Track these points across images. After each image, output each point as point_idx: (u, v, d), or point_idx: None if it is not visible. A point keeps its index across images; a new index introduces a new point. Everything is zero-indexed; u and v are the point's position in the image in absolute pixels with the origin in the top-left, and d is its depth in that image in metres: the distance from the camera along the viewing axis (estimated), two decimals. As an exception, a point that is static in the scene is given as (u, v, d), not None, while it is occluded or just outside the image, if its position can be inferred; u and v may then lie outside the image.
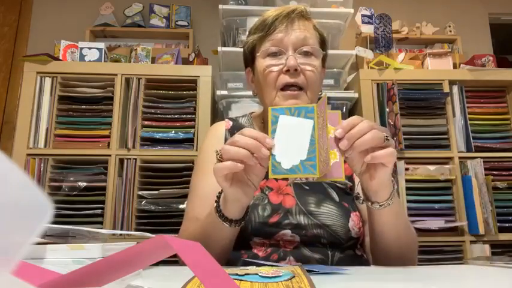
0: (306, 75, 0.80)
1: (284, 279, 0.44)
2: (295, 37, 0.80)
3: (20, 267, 0.18)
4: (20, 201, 0.16)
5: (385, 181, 0.61)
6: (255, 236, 0.77)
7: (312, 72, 0.80)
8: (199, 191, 0.85)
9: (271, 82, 0.81)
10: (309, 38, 0.81)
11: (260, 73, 0.83)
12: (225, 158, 0.58)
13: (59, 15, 2.45)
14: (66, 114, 1.71)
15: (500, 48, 3.01)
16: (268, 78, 0.81)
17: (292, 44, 0.80)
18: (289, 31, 0.80)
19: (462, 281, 0.54)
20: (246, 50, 0.89)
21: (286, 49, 0.80)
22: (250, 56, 0.88)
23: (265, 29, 0.82)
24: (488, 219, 1.66)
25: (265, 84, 0.82)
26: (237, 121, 0.95)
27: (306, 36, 0.81)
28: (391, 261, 0.71)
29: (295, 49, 0.80)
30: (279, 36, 0.80)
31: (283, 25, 0.80)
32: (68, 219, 1.56)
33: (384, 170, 0.59)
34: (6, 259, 0.16)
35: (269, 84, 0.81)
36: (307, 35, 0.81)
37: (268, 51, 0.81)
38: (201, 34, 2.47)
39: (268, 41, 0.82)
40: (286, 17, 0.81)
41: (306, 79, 0.80)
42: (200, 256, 0.26)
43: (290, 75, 0.79)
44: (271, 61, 0.81)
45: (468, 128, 1.79)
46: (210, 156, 0.89)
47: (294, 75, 0.79)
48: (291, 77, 0.79)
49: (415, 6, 2.62)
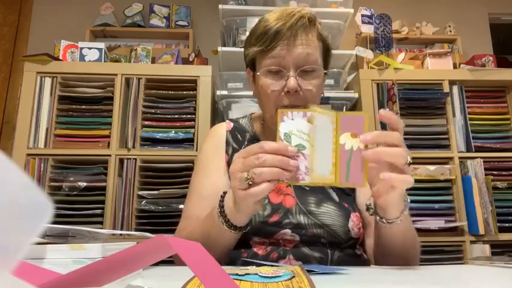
0: (306, 95, 0.78)
1: (284, 279, 0.44)
2: (297, 55, 0.77)
3: (20, 267, 0.18)
4: (20, 201, 0.16)
5: (392, 201, 0.60)
6: (255, 235, 0.77)
7: (312, 91, 0.79)
8: (200, 191, 0.85)
9: (271, 100, 0.79)
10: (311, 55, 0.78)
11: (261, 89, 0.81)
12: (258, 181, 0.56)
13: (59, 15, 2.46)
14: (66, 114, 1.71)
15: (500, 48, 3.01)
16: (269, 98, 0.80)
17: (293, 63, 0.77)
18: (291, 48, 0.77)
19: (462, 281, 0.54)
20: (246, 60, 0.87)
21: (288, 68, 0.78)
22: (250, 63, 0.87)
23: (266, 43, 0.78)
24: (488, 219, 1.66)
25: (266, 100, 0.81)
26: (237, 122, 0.95)
27: (308, 53, 0.78)
28: (393, 265, 0.71)
29: (297, 68, 0.77)
30: (280, 54, 0.77)
31: (285, 40, 0.77)
32: (68, 219, 1.56)
33: (392, 193, 0.57)
34: (6, 259, 0.16)
35: (269, 101, 0.80)
36: (310, 51, 0.78)
37: (269, 70, 0.79)
38: (201, 34, 2.47)
39: (269, 58, 0.78)
40: (290, 29, 0.77)
41: (306, 99, 0.78)
42: (200, 256, 0.26)
43: (290, 96, 0.77)
44: (272, 80, 0.79)
45: (468, 128, 1.79)
46: (210, 157, 0.89)
47: (294, 96, 0.77)
48: (291, 98, 0.77)
49: (415, 6, 2.62)
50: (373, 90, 1.81)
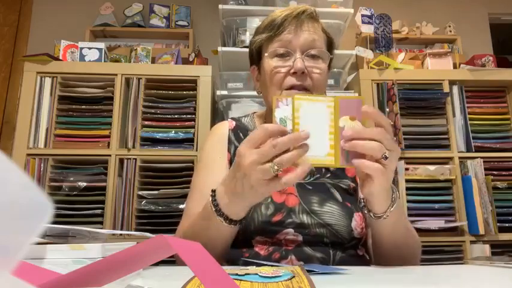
0: (313, 77, 0.81)
1: (284, 279, 0.44)
2: (303, 39, 0.80)
3: (20, 267, 0.18)
4: (20, 201, 0.16)
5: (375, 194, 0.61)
6: (258, 235, 0.77)
7: (319, 75, 0.81)
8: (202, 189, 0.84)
9: (278, 83, 0.81)
10: (317, 41, 0.82)
11: (267, 73, 0.83)
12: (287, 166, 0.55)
13: (59, 15, 2.46)
14: (66, 114, 1.71)
15: (500, 48, 3.01)
16: (274, 79, 0.82)
17: (300, 46, 0.80)
18: (298, 32, 0.81)
19: (462, 281, 0.54)
20: (253, 49, 0.90)
21: (294, 51, 0.81)
22: (257, 55, 0.89)
23: (274, 29, 0.82)
24: (488, 219, 1.66)
25: (271, 84, 0.82)
26: (240, 121, 0.95)
27: (314, 39, 0.81)
28: (392, 265, 0.71)
29: (303, 51, 0.81)
30: (287, 37, 0.81)
31: (292, 26, 0.81)
32: (68, 219, 1.56)
33: (373, 184, 0.58)
34: (6, 259, 0.16)
35: (275, 85, 0.82)
36: (316, 38, 0.82)
37: (276, 52, 0.82)
38: (201, 34, 2.47)
39: (276, 42, 0.82)
40: (296, 17, 0.81)
41: (312, 81, 0.81)
42: (200, 256, 0.26)
43: (297, 77, 0.80)
44: (278, 62, 0.82)
45: (468, 128, 1.79)
46: (212, 155, 0.89)
47: (300, 78, 0.80)
48: (298, 79, 0.80)
49: (415, 6, 2.62)
50: (373, 90, 1.81)
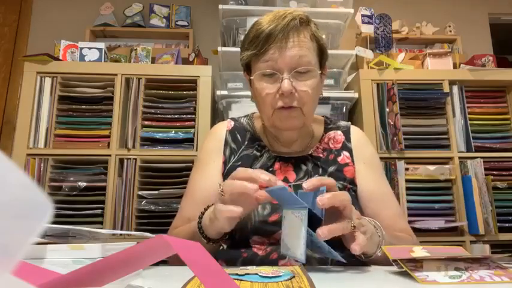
0: (302, 96, 0.79)
1: (284, 279, 0.44)
2: (289, 58, 0.77)
3: (20, 267, 0.18)
4: (20, 201, 0.16)
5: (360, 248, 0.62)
6: (255, 235, 0.77)
7: (308, 92, 0.80)
8: (193, 193, 0.87)
9: (269, 104, 0.80)
10: (305, 56, 0.78)
11: (258, 94, 0.82)
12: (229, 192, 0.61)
13: (58, 15, 2.45)
14: (66, 114, 1.71)
15: (500, 48, 3.00)
16: (266, 100, 0.81)
17: (286, 65, 0.78)
18: (283, 51, 0.77)
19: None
20: (241, 64, 0.88)
21: (281, 71, 0.78)
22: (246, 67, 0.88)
23: (258, 47, 0.79)
24: (488, 219, 1.66)
25: (264, 104, 0.82)
26: (239, 121, 0.95)
27: (301, 55, 0.78)
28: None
29: (291, 70, 0.78)
30: (273, 57, 0.78)
31: (277, 43, 0.77)
32: (68, 219, 1.56)
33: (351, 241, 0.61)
34: (6, 259, 0.16)
35: (267, 106, 0.81)
36: (302, 53, 0.78)
37: (263, 73, 0.80)
38: (201, 34, 2.47)
39: (262, 62, 0.79)
40: (281, 31, 0.77)
41: (302, 98, 0.79)
42: (200, 256, 0.26)
43: (284, 98, 0.78)
44: (266, 83, 0.80)
45: (468, 128, 1.79)
46: (208, 158, 0.90)
47: (289, 98, 0.78)
48: (285, 100, 0.78)
49: (415, 6, 2.62)
50: (373, 90, 1.81)
